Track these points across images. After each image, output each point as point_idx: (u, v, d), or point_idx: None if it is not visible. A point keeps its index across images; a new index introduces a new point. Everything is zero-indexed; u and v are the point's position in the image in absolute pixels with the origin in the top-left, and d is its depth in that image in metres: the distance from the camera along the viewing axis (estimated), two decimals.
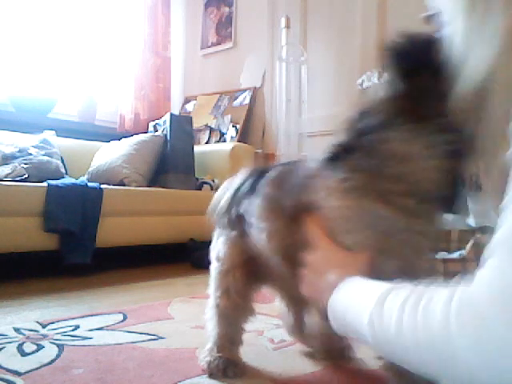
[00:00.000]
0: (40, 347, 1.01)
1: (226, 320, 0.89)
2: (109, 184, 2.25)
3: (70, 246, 1.92)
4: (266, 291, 0.99)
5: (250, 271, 0.88)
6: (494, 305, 0.42)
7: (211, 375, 0.86)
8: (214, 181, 2.62)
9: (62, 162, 2.39)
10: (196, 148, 2.73)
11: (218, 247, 0.91)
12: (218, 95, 3.24)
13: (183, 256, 2.36)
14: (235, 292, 0.87)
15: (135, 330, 1.16)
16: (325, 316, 0.63)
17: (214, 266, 0.91)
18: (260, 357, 0.98)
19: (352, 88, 2.36)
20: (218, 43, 3.34)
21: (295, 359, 0.97)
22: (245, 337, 1.04)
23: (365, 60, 2.52)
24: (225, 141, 3.02)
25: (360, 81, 1.99)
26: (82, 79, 3.09)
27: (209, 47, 3.40)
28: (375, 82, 1.90)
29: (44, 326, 1.18)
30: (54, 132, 2.62)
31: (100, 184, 2.14)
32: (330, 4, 2.72)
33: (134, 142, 2.58)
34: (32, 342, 1.04)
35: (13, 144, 2.23)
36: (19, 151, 2.16)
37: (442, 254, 1.88)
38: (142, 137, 2.63)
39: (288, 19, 2.68)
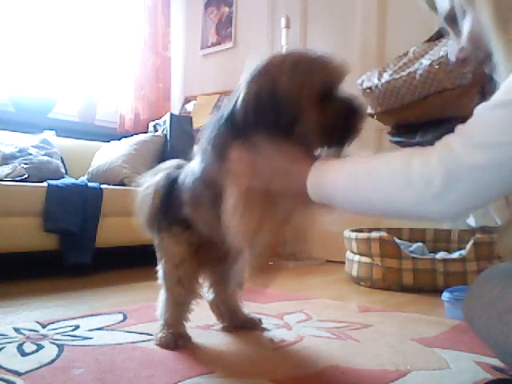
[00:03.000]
0: (40, 347, 1.01)
1: (178, 305, 1.05)
2: (109, 184, 2.25)
3: (70, 246, 1.92)
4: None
5: (195, 262, 1.02)
6: None
7: (164, 347, 1.00)
8: None
9: (62, 162, 2.39)
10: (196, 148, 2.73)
11: (165, 246, 1.04)
12: (218, 95, 3.23)
13: None
14: (187, 281, 1.02)
15: (135, 330, 1.16)
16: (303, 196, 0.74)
17: (163, 262, 1.04)
18: (260, 357, 0.98)
19: (352, 88, 2.36)
20: (218, 43, 3.34)
21: (295, 359, 0.97)
22: (245, 337, 1.04)
23: (365, 60, 2.52)
24: None
25: (360, 81, 1.99)
26: (82, 79, 3.08)
27: (209, 47, 3.40)
28: (375, 81, 1.90)
29: (44, 326, 1.18)
30: (53, 132, 2.62)
31: (100, 184, 2.14)
32: (330, 4, 2.72)
33: (133, 142, 2.58)
34: (32, 342, 1.04)
35: (13, 144, 2.23)
36: (19, 151, 2.17)
37: (442, 254, 1.88)
38: (142, 137, 2.63)
39: (288, 19, 2.68)
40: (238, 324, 1.17)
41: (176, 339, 1.01)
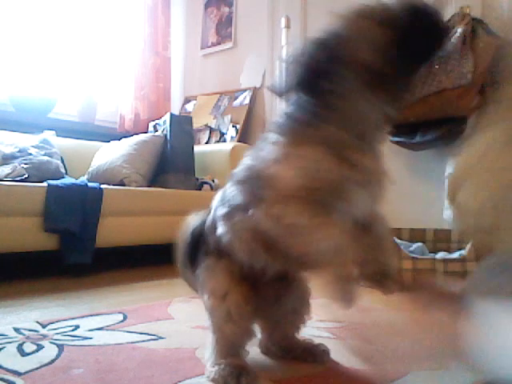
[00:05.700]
0: (40, 347, 1.01)
1: (231, 346, 0.85)
2: (109, 184, 2.25)
3: (71, 245, 1.92)
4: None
5: (243, 294, 0.83)
6: None
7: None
8: (213, 181, 2.62)
9: (62, 162, 2.39)
10: (196, 148, 2.73)
11: (205, 282, 0.86)
12: (218, 95, 3.24)
13: None
14: (238, 316, 0.82)
15: (135, 330, 1.16)
16: None
17: (208, 300, 0.85)
18: (260, 357, 0.98)
19: None
20: (218, 43, 3.34)
21: (295, 359, 0.97)
22: None
23: None
24: (225, 141, 3.02)
25: None
26: (82, 79, 3.08)
27: (209, 47, 3.40)
28: None
29: (44, 326, 1.18)
30: (53, 132, 2.62)
31: (100, 184, 2.14)
32: (330, 4, 2.72)
33: (134, 142, 2.58)
34: (32, 342, 1.04)
35: (13, 144, 2.23)
36: (19, 151, 2.16)
37: (442, 254, 1.88)
38: (142, 137, 2.63)
39: (288, 19, 2.68)
40: (297, 355, 0.97)
41: (238, 373, 0.81)
